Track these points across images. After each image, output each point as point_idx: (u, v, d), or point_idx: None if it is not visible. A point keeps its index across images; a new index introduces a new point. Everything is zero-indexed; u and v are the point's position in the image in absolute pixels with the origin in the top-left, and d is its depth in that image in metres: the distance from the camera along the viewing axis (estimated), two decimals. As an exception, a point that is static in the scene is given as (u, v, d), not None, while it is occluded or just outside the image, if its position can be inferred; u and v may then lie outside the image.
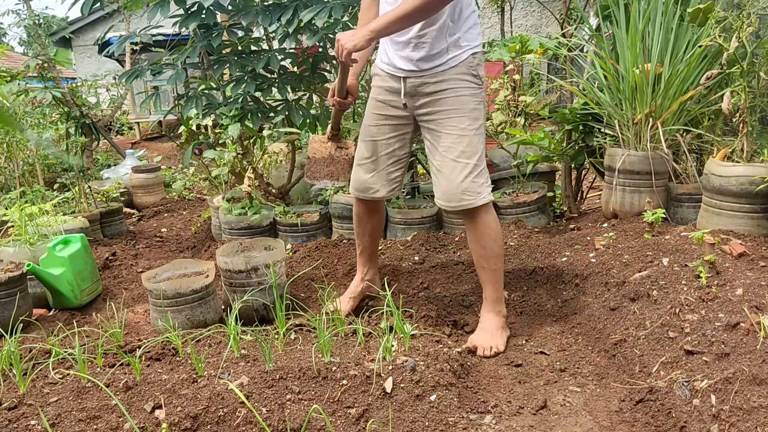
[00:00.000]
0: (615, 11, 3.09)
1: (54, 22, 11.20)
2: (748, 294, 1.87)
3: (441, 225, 3.53)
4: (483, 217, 2.16)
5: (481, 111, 2.16)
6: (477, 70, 2.13)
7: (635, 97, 2.91)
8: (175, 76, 3.36)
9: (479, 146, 2.14)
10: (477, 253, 2.22)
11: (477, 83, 2.14)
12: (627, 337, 2.02)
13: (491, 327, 2.22)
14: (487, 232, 2.17)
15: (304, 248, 3.29)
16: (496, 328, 2.21)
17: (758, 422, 1.43)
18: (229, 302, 2.46)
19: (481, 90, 2.16)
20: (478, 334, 2.22)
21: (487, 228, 2.17)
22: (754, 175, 2.39)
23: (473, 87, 2.14)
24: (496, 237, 2.19)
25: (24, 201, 4.06)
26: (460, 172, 2.12)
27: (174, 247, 3.89)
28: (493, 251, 2.19)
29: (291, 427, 1.56)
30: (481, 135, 2.15)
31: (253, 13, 3.10)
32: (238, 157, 3.59)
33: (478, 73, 2.14)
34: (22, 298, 2.50)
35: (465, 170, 2.12)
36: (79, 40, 13.98)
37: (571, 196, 3.71)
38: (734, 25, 2.50)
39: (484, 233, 2.18)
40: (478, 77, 2.14)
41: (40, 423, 1.58)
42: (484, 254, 2.20)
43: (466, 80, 2.12)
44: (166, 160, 8.16)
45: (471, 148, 2.12)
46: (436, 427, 1.61)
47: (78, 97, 6.22)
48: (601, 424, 1.68)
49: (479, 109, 2.15)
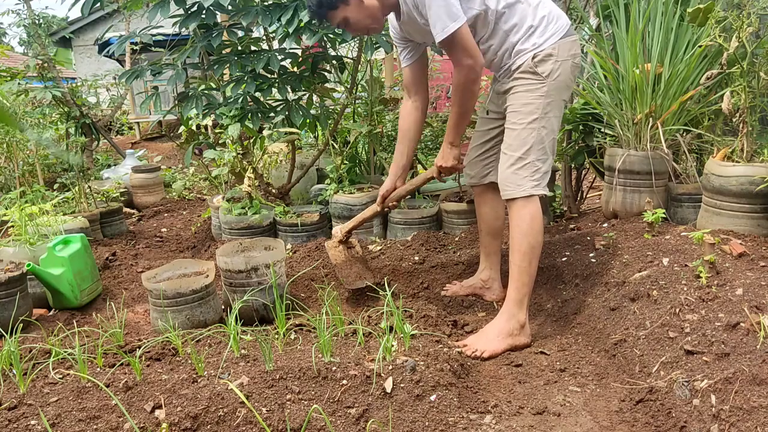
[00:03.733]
0: (615, 11, 3.09)
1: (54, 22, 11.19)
2: (748, 294, 1.87)
3: (441, 225, 3.53)
4: (519, 209, 2.18)
5: (538, 106, 2.17)
6: (537, 67, 2.16)
7: (635, 97, 2.91)
8: (175, 76, 3.36)
9: (528, 140, 2.16)
10: (511, 245, 2.22)
11: (537, 79, 2.17)
12: (627, 337, 2.02)
13: (494, 330, 2.17)
14: (519, 224, 2.18)
15: (304, 248, 3.29)
16: (498, 333, 2.15)
17: (758, 422, 1.43)
18: (229, 302, 2.46)
19: (542, 85, 2.17)
20: (477, 335, 2.21)
21: (520, 221, 2.17)
22: (754, 175, 2.39)
23: (531, 83, 2.18)
24: (529, 233, 2.16)
25: (24, 201, 4.05)
26: (504, 163, 2.21)
27: (174, 247, 3.89)
28: (521, 246, 2.17)
29: (291, 427, 1.56)
30: (537, 131, 2.16)
31: (253, 13, 3.10)
32: (238, 157, 3.59)
33: (538, 71, 2.16)
34: (22, 298, 2.50)
35: (508, 161, 2.19)
36: (79, 40, 13.99)
37: (571, 196, 3.71)
38: (734, 25, 2.50)
39: (516, 225, 2.19)
40: (538, 74, 2.16)
41: (40, 423, 1.57)
42: (513, 246, 2.20)
43: (525, 77, 2.19)
44: (166, 160, 8.16)
45: (518, 141, 2.18)
46: (436, 427, 1.61)
47: (78, 97, 6.22)
48: (601, 424, 1.68)
49: (534, 104, 2.17)
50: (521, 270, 2.17)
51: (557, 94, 2.18)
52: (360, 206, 3.46)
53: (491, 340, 2.14)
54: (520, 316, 2.18)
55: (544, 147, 2.18)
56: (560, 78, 2.17)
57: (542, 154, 2.18)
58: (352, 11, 2.12)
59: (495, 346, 2.12)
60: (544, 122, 2.16)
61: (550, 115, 2.17)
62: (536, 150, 2.16)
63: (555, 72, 2.15)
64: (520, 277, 2.17)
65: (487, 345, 2.12)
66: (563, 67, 2.16)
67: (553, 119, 2.19)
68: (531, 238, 2.16)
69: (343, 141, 3.98)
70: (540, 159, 2.17)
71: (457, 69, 2.11)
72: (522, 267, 2.16)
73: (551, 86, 2.16)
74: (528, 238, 2.16)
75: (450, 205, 3.45)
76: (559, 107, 2.22)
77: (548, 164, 2.22)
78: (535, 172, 2.16)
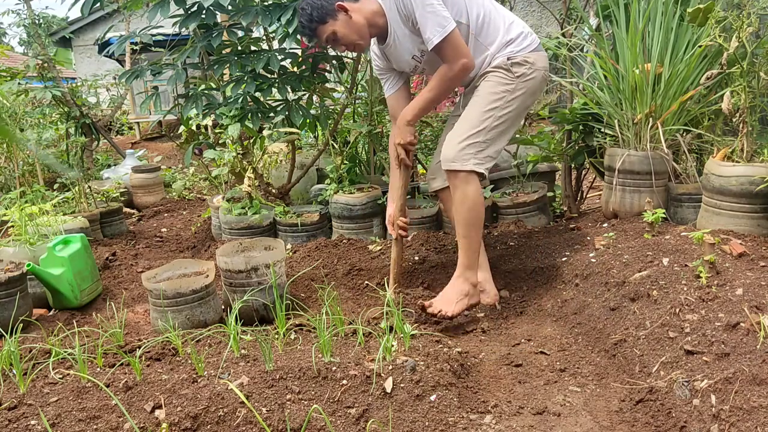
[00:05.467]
0: (615, 11, 3.09)
1: (54, 22, 11.20)
2: (748, 294, 1.87)
3: (441, 225, 3.53)
4: (463, 184, 2.30)
5: (502, 98, 2.30)
6: (513, 66, 2.30)
7: (635, 97, 2.91)
8: (175, 76, 3.36)
9: (482, 123, 2.29)
10: (455, 218, 2.36)
11: (508, 76, 2.31)
12: (627, 337, 2.02)
13: (452, 292, 2.33)
14: (463, 200, 2.31)
15: (304, 248, 3.29)
16: (456, 293, 2.32)
17: (758, 422, 1.43)
18: (229, 302, 2.46)
19: (511, 82, 2.31)
20: (439, 297, 2.34)
21: (464, 196, 2.30)
22: (754, 175, 2.39)
23: (502, 77, 2.31)
24: (473, 207, 2.31)
25: (24, 201, 4.06)
26: (457, 137, 2.31)
27: (174, 247, 3.89)
28: (467, 220, 2.32)
29: (291, 427, 1.56)
30: (493, 118, 2.30)
31: (253, 13, 3.10)
32: (238, 157, 3.59)
33: (512, 69, 2.30)
34: (22, 298, 2.50)
35: (462, 136, 2.30)
36: (79, 40, 13.99)
37: (571, 196, 3.71)
38: (734, 25, 2.50)
39: (458, 199, 2.32)
40: (511, 71, 2.30)
41: (40, 423, 1.57)
42: (459, 220, 2.34)
43: (497, 72, 2.34)
44: (166, 160, 8.16)
45: (471, 123, 2.30)
46: (436, 427, 1.61)
47: (78, 97, 6.22)
48: (601, 424, 1.68)
49: (498, 95, 2.30)
50: (467, 238, 2.34)
51: (523, 96, 2.33)
52: (360, 206, 3.46)
53: (451, 302, 2.30)
54: (472, 278, 2.37)
55: (494, 135, 2.32)
56: (530, 83, 2.32)
57: (490, 138, 2.31)
58: (340, 26, 2.27)
59: (455, 307, 2.30)
60: (502, 113, 2.30)
61: (510, 110, 2.31)
62: (486, 133, 2.29)
63: (528, 75, 2.31)
64: (469, 245, 2.35)
65: (449, 306, 2.29)
66: (536, 75, 2.33)
67: (512, 115, 2.33)
68: (474, 211, 2.32)
69: (343, 141, 3.98)
70: (487, 141, 2.30)
71: (450, 66, 2.25)
72: (468, 236, 2.34)
73: (519, 86, 2.31)
74: (472, 211, 2.32)
75: (450, 205, 3.45)
76: (520, 108, 2.35)
77: (493, 150, 2.34)
78: (479, 152, 2.29)
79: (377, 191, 3.57)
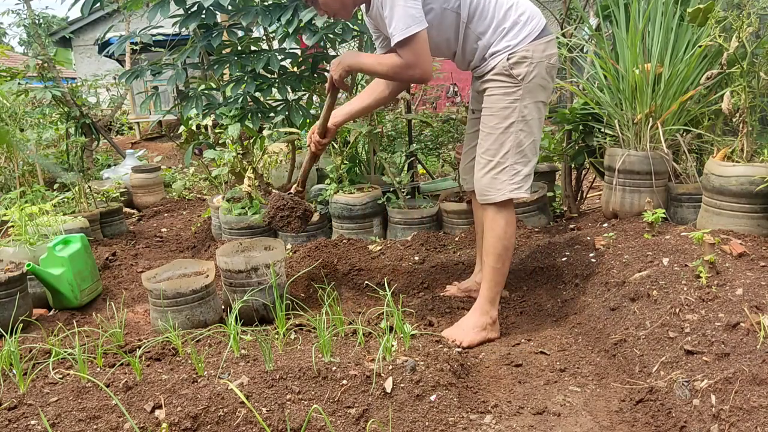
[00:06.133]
0: (615, 11, 3.09)
1: (54, 22, 11.21)
2: (748, 294, 1.87)
3: (441, 225, 3.53)
4: (494, 213, 2.22)
5: (514, 109, 2.16)
6: (512, 69, 2.15)
7: (635, 97, 2.91)
8: (175, 76, 3.36)
9: (506, 144, 2.16)
10: (484, 243, 2.27)
11: (512, 82, 2.16)
12: (627, 337, 2.02)
13: (468, 324, 2.25)
14: (494, 228, 2.22)
15: (304, 248, 3.29)
16: (473, 327, 2.24)
17: (758, 422, 1.43)
18: (229, 302, 2.46)
19: (517, 88, 2.16)
20: (453, 327, 2.27)
21: (495, 225, 2.22)
22: (754, 175, 2.39)
23: (506, 86, 2.17)
24: (502, 236, 2.21)
25: (24, 201, 4.06)
26: (481, 168, 2.22)
27: (174, 247, 3.89)
28: (495, 248, 2.22)
29: (291, 427, 1.56)
30: (511, 133, 2.16)
31: (253, 13, 3.10)
32: (238, 157, 3.59)
33: (513, 73, 2.15)
34: (22, 298, 2.50)
35: (486, 167, 2.20)
36: (79, 40, 13.99)
37: (571, 196, 3.71)
38: (734, 25, 2.50)
39: (490, 228, 2.23)
40: (513, 77, 2.15)
41: (40, 423, 1.57)
42: (487, 248, 2.24)
43: (499, 80, 2.18)
44: (166, 160, 8.16)
45: (495, 146, 2.18)
46: (436, 427, 1.61)
47: (78, 97, 6.21)
48: (601, 424, 1.68)
49: (511, 108, 2.16)
50: (495, 271, 2.24)
51: (533, 97, 2.18)
52: (360, 206, 3.46)
53: (468, 332, 2.22)
54: (493, 313, 2.27)
55: (523, 150, 2.18)
56: (535, 80, 2.16)
57: (521, 157, 2.18)
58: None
59: (472, 338, 2.21)
60: (522, 125, 2.17)
61: (528, 117, 2.17)
62: (514, 153, 2.17)
63: (530, 74, 2.15)
64: (494, 278, 2.24)
65: (465, 336, 2.21)
66: (538, 69, 2.16)
67: (531, 122, 2.18)
68: (505, 241, 2.22)
69: (343, 141, 3.98)
70: (519, 162, 2.18)
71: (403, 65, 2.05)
72: (495, 268, 2.24)
73: (526, 89, 2.16)
74: (502, 241, 2.22)
75: (450, 205, 3.45)
76: (537, 109, 2.21)
77: (530, 167, 2.22)
78: (514, 175, 2.18)
79: (377, 191, 3.57)
